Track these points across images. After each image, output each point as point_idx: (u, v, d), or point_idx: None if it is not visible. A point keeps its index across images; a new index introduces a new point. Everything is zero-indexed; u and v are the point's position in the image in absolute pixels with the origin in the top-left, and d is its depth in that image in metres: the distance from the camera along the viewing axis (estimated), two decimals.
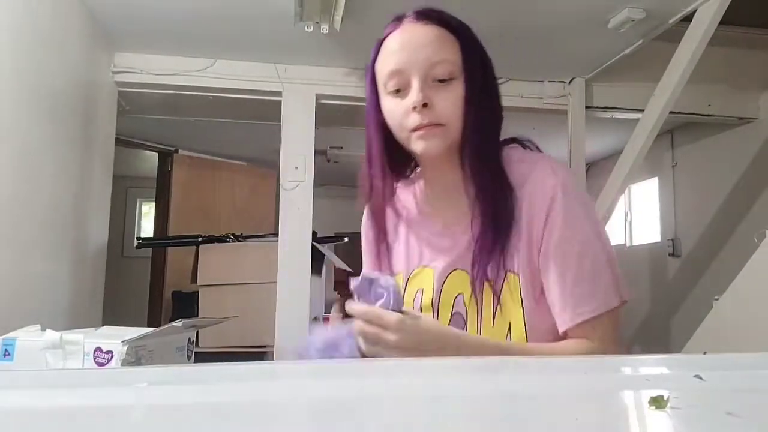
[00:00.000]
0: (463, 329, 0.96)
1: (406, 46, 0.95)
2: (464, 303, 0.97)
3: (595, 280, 0.91)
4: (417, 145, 0.96)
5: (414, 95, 0.93)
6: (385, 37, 0.99)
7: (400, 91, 0.96)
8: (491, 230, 0.94)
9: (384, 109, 0.99)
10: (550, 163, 0.97)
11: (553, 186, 0.93)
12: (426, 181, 1.07)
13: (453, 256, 1.00)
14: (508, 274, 0.94)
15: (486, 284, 0.95)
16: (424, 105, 0.93)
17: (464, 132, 0.96)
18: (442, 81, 0.94)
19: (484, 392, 0.56)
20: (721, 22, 2.65)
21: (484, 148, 0.97)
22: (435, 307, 1.00)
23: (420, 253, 1.05)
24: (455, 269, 0.99)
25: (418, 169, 1.09)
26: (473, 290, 0.95)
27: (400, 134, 0.99)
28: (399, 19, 0.99)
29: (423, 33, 0.95)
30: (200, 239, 3.33)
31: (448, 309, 0.99)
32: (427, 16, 0.97)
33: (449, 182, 1.01)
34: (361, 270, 1.09)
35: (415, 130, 0.95)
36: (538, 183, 0.94)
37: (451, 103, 0.94)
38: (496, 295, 0.94)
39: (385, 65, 0.97)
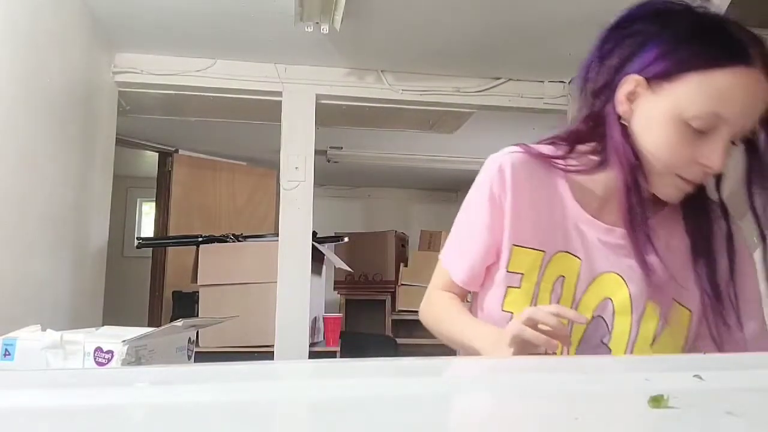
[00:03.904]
0: (605, 336, 0.91)
1: (748, 102, 0.81)
2: (612, 310, 0.92)
3: None
4: (665, 190, 0.88)
5: (716, 159, 0.82)
6: (729, 60, 0.81)
7: (698, 131, 0.82)
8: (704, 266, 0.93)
9: (659, 120, 0.84)
10: None
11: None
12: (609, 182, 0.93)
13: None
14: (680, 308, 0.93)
15: (676, 307, 0.92)
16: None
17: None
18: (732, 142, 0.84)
19: (484, 392, 0.56)
20: None
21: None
22: (575, 302, 0.93)
23: (567, 237, 0.93)
24: (611, 272, 0.92)
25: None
26: (662, 309, 0.90)
27: (655, 158, 0.86)
28: (747, 56, 0.81)
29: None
30: (200, 239, 3.32)
31: (589, 310, 0.92)
32: None
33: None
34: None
35: (680, 177, 0.86)
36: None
37: (727, 168, 0.85)
38: (665, 318, 0.91)
39: (710, 103, 0.81)
